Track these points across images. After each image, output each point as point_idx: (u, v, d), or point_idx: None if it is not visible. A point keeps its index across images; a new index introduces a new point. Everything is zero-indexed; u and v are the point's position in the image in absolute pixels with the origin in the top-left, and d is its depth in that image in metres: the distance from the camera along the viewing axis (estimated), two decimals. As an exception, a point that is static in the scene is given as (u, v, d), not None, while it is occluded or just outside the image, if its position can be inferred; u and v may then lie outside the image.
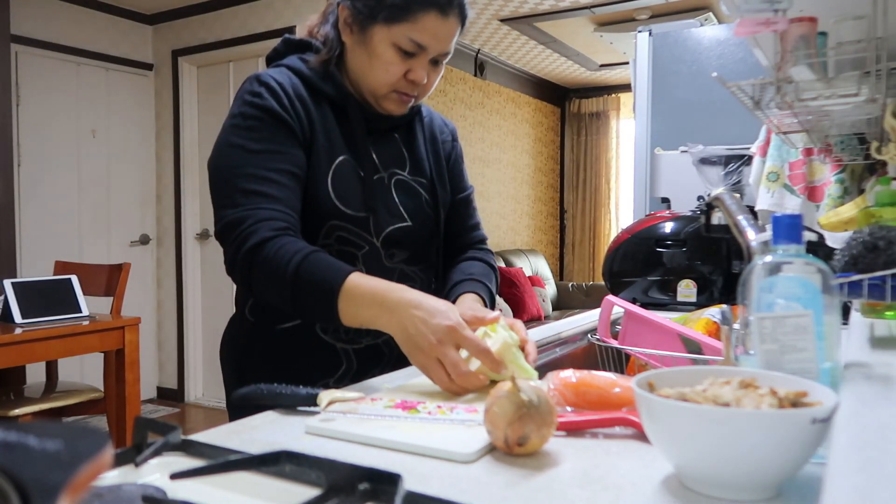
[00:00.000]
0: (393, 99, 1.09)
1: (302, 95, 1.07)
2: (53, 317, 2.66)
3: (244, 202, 0.99)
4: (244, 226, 0.97)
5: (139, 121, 4.63)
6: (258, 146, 1.02)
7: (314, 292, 0.92)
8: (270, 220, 0.97)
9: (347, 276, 0.92)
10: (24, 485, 0.26)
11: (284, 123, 1.04)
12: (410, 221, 1.15)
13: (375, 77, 1.07)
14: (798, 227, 0.65)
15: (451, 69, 5.34)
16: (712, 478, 0.54)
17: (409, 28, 1.02)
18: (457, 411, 0.79)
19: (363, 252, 1.10)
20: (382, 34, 1.03)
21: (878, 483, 0.38)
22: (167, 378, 4.76)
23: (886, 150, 1.34)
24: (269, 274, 0.94)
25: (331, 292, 0.91)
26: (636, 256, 1.75)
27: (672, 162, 2.60)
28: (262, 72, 1.08)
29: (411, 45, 1.03)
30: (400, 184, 1.16)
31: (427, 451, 0.67)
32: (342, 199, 1.07)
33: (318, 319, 1.04)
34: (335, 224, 1.07)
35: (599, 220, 6.93)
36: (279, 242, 0.95)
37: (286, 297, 0.94)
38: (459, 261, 1.24)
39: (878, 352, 0.78)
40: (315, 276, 0.92)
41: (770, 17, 0.97)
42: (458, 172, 1.29)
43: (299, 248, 0.95)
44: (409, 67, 1.05)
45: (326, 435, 0.73)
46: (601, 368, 1.23)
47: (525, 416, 0.65)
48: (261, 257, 0.95)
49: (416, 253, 1.17)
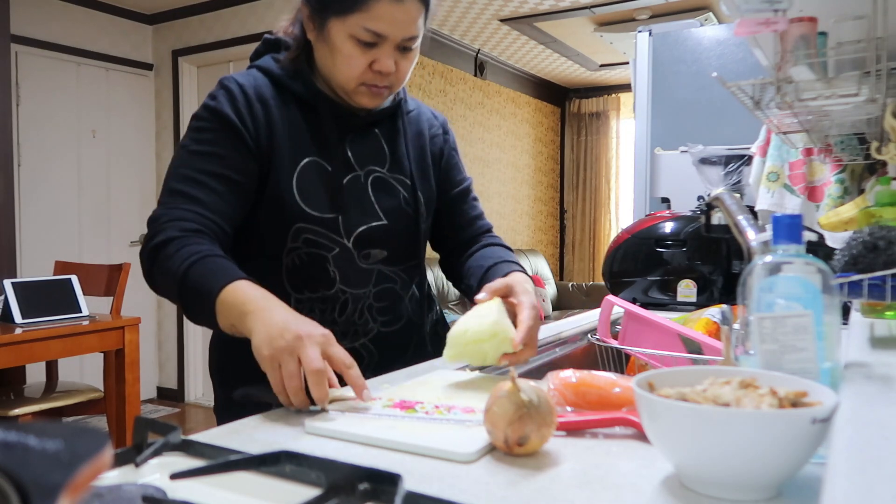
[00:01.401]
0: (363, 92, 1.06)
1: (264, 97, 1.06)
2: (53, 317, 2.66)
3: (166, 200, 1.00)
4: (158, 223, 0.97)
5: (139, 121, 4.63)
6: (197, 147, 1.02)
7: (196, 296, 0.91)
8: (181, 220, 0.96)
9: (230, 282, 0.88)
10: (24, 485, 0.26)
11: (232, 128, 1.03)
12: (386, 220, 1.12)
13: (340, 72, 1.04)
14: (798, 227, 0.65)
15: (451, 69, 5.35)
16: (712, 478, 0.54)
17: (363, 18, 0.99)
18: (454, 412, 0.79)
19: (333, 254, 1.08)
20: (338, 27, 1.01)
21: (878, 483, 0.38)
22: (167, 378, 4.76)
23: (886, 150, 1.34)
24: (165, 273, 0.94)
25: (209, 297, 0.89)
26: (636, 256, 1.75)
27: (672, 162, 2.60)
28: (229, 75, 1.08)
29: (368, 34, 1.00)
30: (378, 182, 1.13)
31: (427, 451, 0.67)
32: (308, 200, 1.05)
33: (201, 323, 1.00)
34: (302, 226, 1.06)
35: (599, 220, 6.92)
36: (182, 243, 0.94)
37: (175, 298, 0.94)
38: (475, 249, 1.22)
39: (878, 352, 0.78)
40: (198, 280, 0.90)
41: (770, 17, 0.97)
42: (452, 165, 1.26)
43: (197, 251, 0.93)
44: (373, 58, 1.02)
45: (326, 435, 0.73)
46: (601, 368, 1.23)
47: (525, 416, 0.65)
48: (161, 255, 0.94)
49: (395, 252, 1.14)
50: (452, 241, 1.26)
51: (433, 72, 5.15)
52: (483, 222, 1.29)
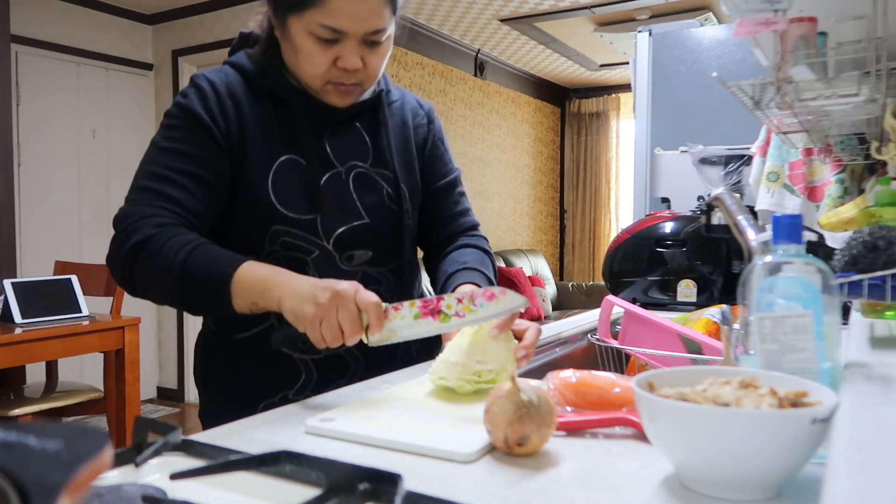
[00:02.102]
0: (331, 91, 1.01)
1: (235, 94, 1.03)
2: (53, 317, 2.66)
3: (135, 198, 0.97)
4: (128, 221, 0.95)
5: (139, 121, 4.63)
6: (167, 144, 0.99)
7: (205, 284, 0.91)
8: (153, 216, 0.95)
9: (240, 264, 0.90)
10: (24, 485, 0.26)
11: (202, 126, 1.00)
12: (368, 219, 1.07)
13: (304, 71, 1.00)
14: (798, 227, 0.65)
15: (451, 69, 5.35)
16: (712, 478, 0.54)
17: (319, 13, 0.93)
18: (479, 300, 0.85)
19: (313, 257, 1.04)
20: (297, 24, 0.96)
21: (878, 483, 0.38)
22: (167, 378, 4.76)
23: (886, 150, 1.34)
24: (155, 269, 0.92)
25: (222, 281, 0.89)
26: (636, 256, 1.75)
27: (672, 162, 2.60)
28: (200, 72, 1.05)
29: (326, 31, 0.94)
30: (359, 177, 1.08)
31: (427, 451, 0.67)
32: (284, 201, 1.01)
33: (207, 311, 1.01)
34: (279, 229, 1.02)
35: (599, 220, 6.93)
36: (164, 236, 0.93)
37: (174, 291, 0.92)
38: (449, 250, 1.17)
39: (878, 352, 0.78)
40: (204, 268, 0.90)
41: (770, 17, 0.97)
42: (437, 156, 1.20)
43: (187, 240, 0.92)
44: (336, 55, 0.97)
45: (326, 435, 0.73)
46: (601, 368, 1.23)
47: (525, 416, 0.65)
48: (145, 253, 0.93)
49: (380, 253, 1.09)
50: (433, 239, 1.21)
51: (433, 72, 5.15)
52: (466, 219, 1.22)
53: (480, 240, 1.21)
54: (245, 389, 1.07)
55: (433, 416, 0.78)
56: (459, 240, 1.19)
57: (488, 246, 1.20)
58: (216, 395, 1.11)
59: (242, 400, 1.05)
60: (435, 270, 1.17)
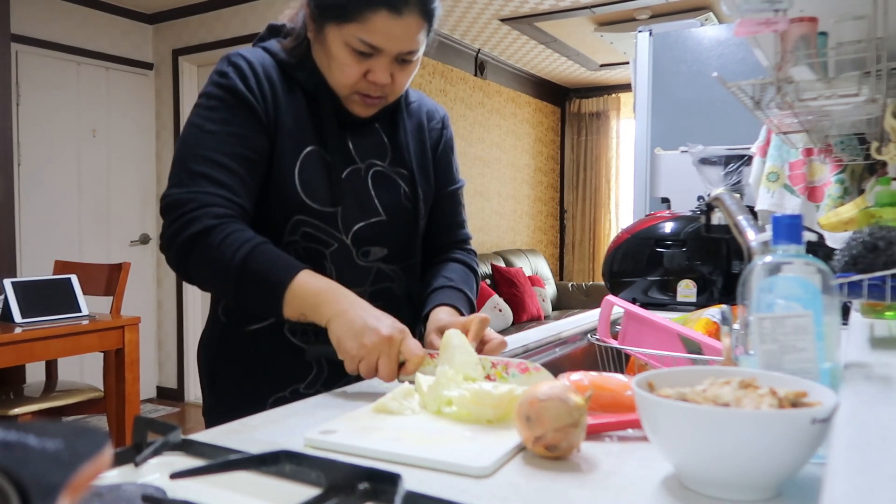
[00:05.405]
0: (356, 101, 1.04)
1: (272, 77, 1.04)
2: (53, 316, 2.66)
3: (189, 183, 0.97)
4: (185, 209, 0.95)
5: (139, 120, 4.63)
6: (214, 127, 0.99)
7: (260, 287, 0.92)
8: (212, 205, 0.95)
9: (297, 273, 0.92)
10: (24, 484, 0.26)
11: (247, 105, 1.00)
12: (385, 216, 1.09)
13: (334, 78, 1.03)
14: (798, 227, 0.65)
15: (451, 69, 5.35)
16: (712, 478, 0.54)
17: (359, 29, 0.96)
18: (512, 370, 0.87)
19: (331, 250, 1.05)
20: (335, 34, 0.99)
21: (878, 483, 0.38)
22: (167, 378, 4.76)
23: (886, 150, 1.34)
24: (212, 263, 0.93)
25: (278, 287, 0.91)
26: (636, 256, 1.75)
27: (672, 162, 2.60)
28: (236, 52, 1.05)
29: (363, 45, 0.97)
30: (378, 176, 1.10)
31: (437, 465, 0.63)
32: (309, 191, 1.03)
33: (257, 311, 1.02)
34: (301, 219, 1.03)
35: (599, 220, 6.93)
36: (223, 231, 0.93)
37: (227, 287, 0.93)
38: (439, 262, 1.19)
39: (878, 352, 0.78)
40: (262, 271, 0.92)
41: (770, 17, 0.97)
42: (446, 163, 1.22)
43: (246, 238, 0.93)
44: (368, 68, 1.00)
45: (327, 448, 0.69)
46: (601, 369, 1.23)
47: (572, 427, 0.62)
48: (203, 245, 0.93)
49: (395, 250, 1.12)
50: (427, 244, 1.21)
51: (433, 72, 5.15)
52: (462, 232, 1.25)
53: (470, 256, 1.24)
54: (256, 382, 1.07)
55: (441, 427, 0.73)
56: (450, 252, 1.22)
57: (476, 263, 1.24)
58: (225, 389, 1.11)
59: (252, 393, 1.06)
60: (421, 277, 1.20)
